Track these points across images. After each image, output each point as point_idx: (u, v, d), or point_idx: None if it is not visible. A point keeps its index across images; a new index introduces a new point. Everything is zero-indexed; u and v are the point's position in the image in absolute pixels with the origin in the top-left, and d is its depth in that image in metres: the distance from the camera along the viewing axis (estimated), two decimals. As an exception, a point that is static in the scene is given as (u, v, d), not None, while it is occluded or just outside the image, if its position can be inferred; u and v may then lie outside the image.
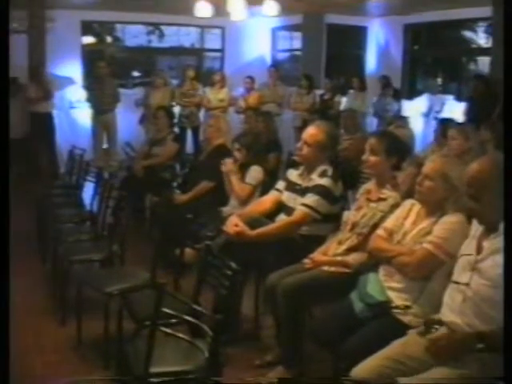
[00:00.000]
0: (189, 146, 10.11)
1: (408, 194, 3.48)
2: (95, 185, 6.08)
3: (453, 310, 2.63)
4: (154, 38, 13.98)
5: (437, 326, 2.68)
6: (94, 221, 5.52)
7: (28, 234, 6.27)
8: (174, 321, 2.95)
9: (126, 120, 10.54)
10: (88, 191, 6.34)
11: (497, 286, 2.42)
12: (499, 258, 2.45)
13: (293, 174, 4.28)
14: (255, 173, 5.14)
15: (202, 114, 10.48)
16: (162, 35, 13.99)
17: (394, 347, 2.70)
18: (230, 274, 2.84)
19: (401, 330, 2.86)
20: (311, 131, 4.10)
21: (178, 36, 14.07)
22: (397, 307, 3.02)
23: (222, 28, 13.14)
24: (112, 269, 4.44)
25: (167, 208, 5.65)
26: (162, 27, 13.68)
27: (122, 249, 4.46)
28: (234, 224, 3.95)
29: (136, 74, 14.33)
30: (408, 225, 3.20)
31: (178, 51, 14.29)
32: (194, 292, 3.30)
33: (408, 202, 3.31)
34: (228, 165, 5.28)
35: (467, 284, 2.59)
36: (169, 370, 2.73)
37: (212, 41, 13.82)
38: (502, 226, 2.48)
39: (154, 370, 2.65)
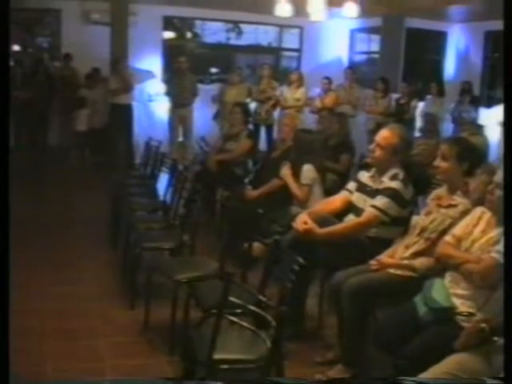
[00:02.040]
0: (262, 144, 10.19)
1: (479, 202, 3.46)
2: (169, 176, 6.24)
3: None
4: (232, 36, 14.17)
5: (496, 338, 2.67)
6: (166, 211, 5.67)
7: (102, 221, 6.52)
8: (239, 311, 3.04)
9: (202, 115, 10.74)
10: (162, 182, 6.53)
11: None
12: None
13: (364, 176, 4.31)
14: (307, 172, 5.23)
15: (276, 112, 10.57)
16: (240, 33, 14.16)
17: (459, 357, 2.71)
18: (296, 268, 2.91)
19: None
20: (385, 134, 4.11)
21: (256, 34, 14.22)
22: (461, 314, 3.02)
23: (300, 28, 13.23)
24: (182, 258, 4.56)
25: (238, 202, 5.75)
26: (241, 25, 13.85)
27: (193, 239, 4.58)
28: (303, 221, 4.00)
29: (214, 70, 14.55)
30: (477, 233, 3.20)
31: (255, 49, 14.44)
32: (260, 285, 3.37)
33: (478, 210, 3.29)
34: (284, 169, 5.40)
35: None
36: (232, 357, 2.83)
37: (290, 40, 13.92)
38: None
39: (217, 356, 2.75)
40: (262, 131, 10.51)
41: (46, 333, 4.07)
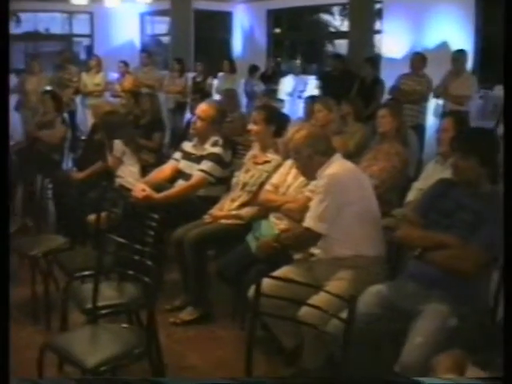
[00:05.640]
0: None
1: (288, 156, 4.20)
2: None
3: None
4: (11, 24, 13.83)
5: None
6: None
7: None
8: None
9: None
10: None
11: None
12: None
13: (188, 146, 4.93)
14: (116, 146, 5.66)
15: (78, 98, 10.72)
16: (18, 21, 13.88)
17: (285, 269, 3.51)
18: (154, 224, 3.43)
19: (290, 261, 3.62)
20: (203, 107, 4.79)
21: (35, 22, 14.03)
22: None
23: (90, 13, 13.36)
24: (30, 237, 4.84)
25: (67, 184, 6.02)
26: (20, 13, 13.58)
27: (36, 221, 4.90)
28: (141, 189, 4.53)
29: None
30: (290, 179, 3.98)
31: (43, 37, 14.27)
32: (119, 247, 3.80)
33: (289, 162, 4.04)
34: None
35: None
36: (111, 303, 3.37)
37: (80, 26, 13.98)
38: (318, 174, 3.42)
39: (101, 303, 3.28)
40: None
41: None
